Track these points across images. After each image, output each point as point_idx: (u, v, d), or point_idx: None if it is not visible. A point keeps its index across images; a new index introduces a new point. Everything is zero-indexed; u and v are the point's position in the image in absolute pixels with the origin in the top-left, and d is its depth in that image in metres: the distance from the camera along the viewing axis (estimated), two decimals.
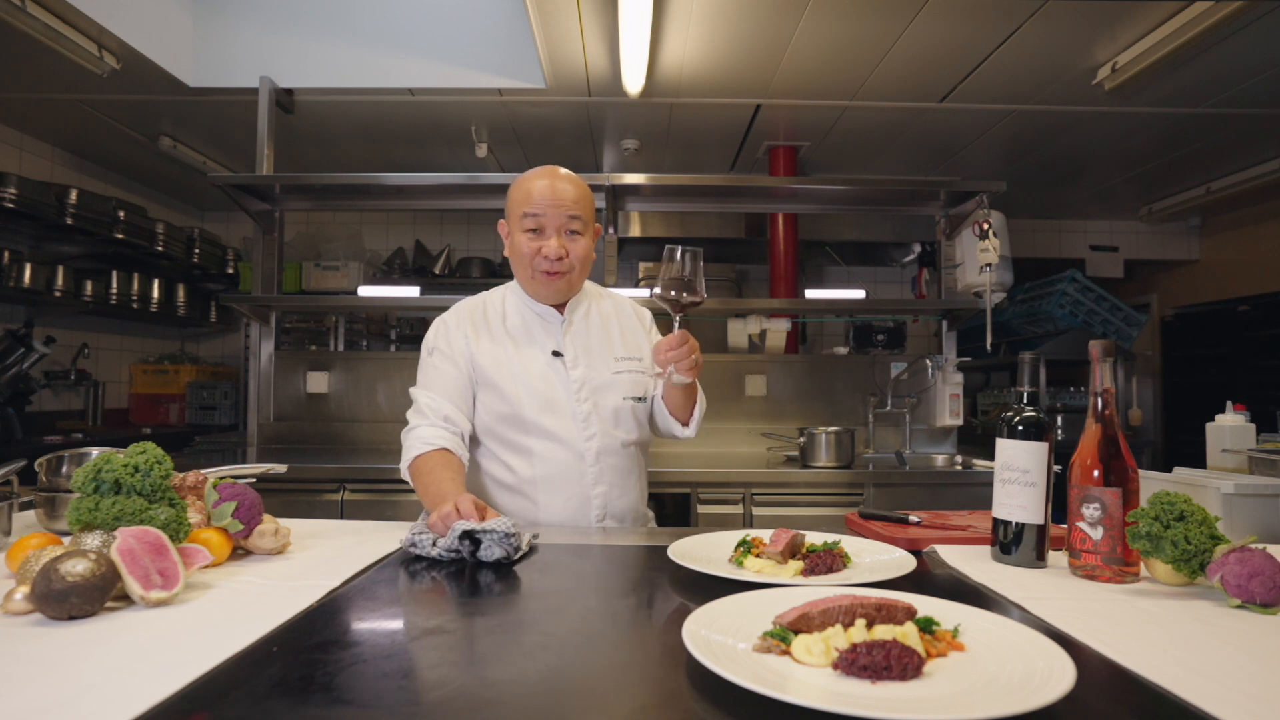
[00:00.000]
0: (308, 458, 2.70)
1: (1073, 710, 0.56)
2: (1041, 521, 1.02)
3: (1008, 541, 1.03)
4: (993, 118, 3.69)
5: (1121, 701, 0.60)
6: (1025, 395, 1.08)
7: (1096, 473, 0.97)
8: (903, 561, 0.99)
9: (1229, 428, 1.75)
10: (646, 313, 1.64)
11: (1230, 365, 4.99)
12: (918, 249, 5.13)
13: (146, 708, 0.54)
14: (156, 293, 4.38)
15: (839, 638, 0.64)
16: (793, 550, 1.00)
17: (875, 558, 1.03)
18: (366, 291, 4.03)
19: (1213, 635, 0.74)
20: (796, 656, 0.63)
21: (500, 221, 1.49)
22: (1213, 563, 0.86)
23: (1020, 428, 1.03)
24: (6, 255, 3.43)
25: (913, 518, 1.28)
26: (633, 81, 3.23)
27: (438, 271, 4.86)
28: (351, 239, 4.47)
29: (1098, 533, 0.95)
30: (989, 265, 2.79)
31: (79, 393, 4.14)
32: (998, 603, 0.87)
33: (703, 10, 2.72)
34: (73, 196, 3.58)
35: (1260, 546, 0.85)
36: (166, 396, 4.74)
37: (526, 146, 4.24)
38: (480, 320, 1.49)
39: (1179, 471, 1.53)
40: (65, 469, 1.14)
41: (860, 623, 0.66)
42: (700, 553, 1.03)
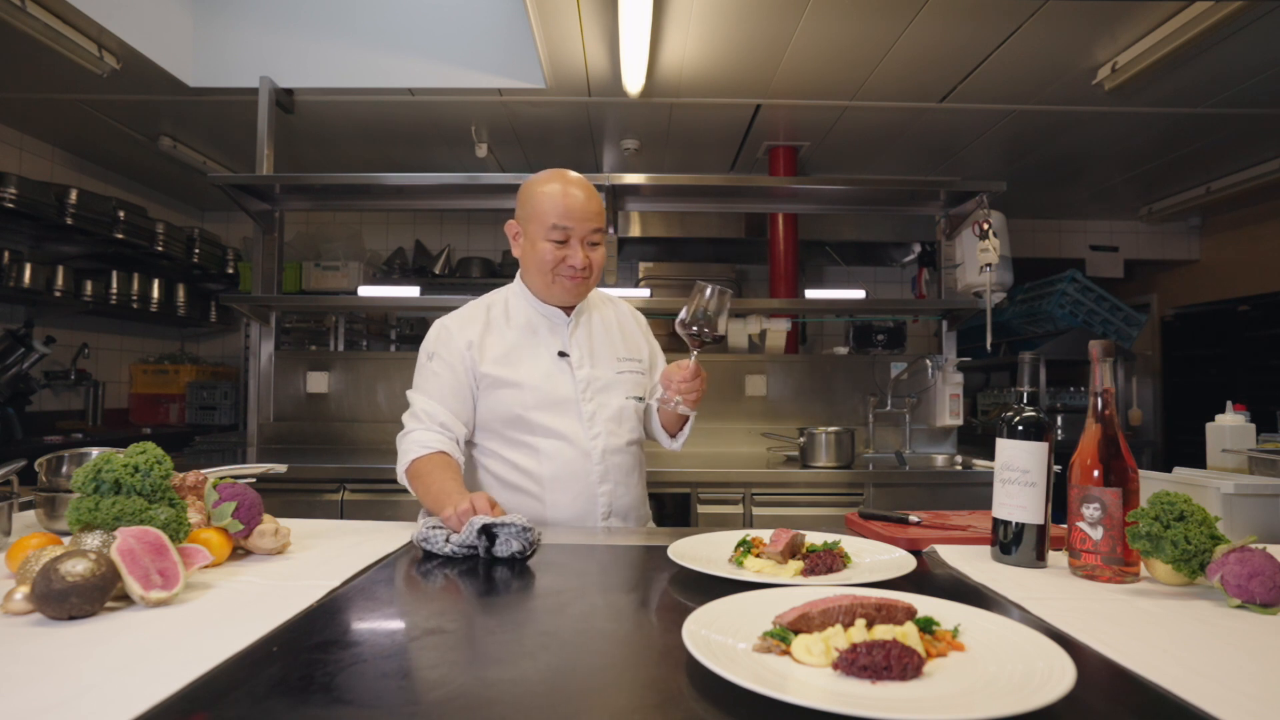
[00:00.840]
0: (308, 458, 2.70)
1: (1073, 710, 0.56)
2: (1041, 521, 1.02)
3: (1008, 541, 1.03)
4: (993, 118, 3.69)
5: (1121, 701, 0.60)
6: (1025, 395, 1.08)
7: (1096, 473, 0.97)
8: (903, 561, 0.99)
9: (1229, 428, 1.75)
10: (641, 316, 1.68)
11: (1230, 365, 4.99)
12: (918, 249, 5.13)
13: (146, 708, 0.54)
14: (156, 293, 4.39)
15: (839, 638, 0.64)
16: (793, 550, 1.00)
17: (875, 558, 1.03)
18: (366, 291, 4.03)
19: (1213, 635, 0.74)
20: (796, 656, 0.63)
21: (510, 221, 1.49)
22: (1213, 563, 0.86)
23: (1020, 428, 1.03)
24: (6, 255, 3.43)
25: (913, 518, 1.28)
26: (633, 81, 3.23)
27: (438, 271, 4.86)
28: (351, 239, 4.47)
29: (1098, 533, 0.95)
30: (989, 265, 2.79)
31: (79, 393, 4.14)
32: (998, 603, 0.87)
33: (703, 10, 2.72)
34: (73, 196, 3.58)
35: (1260, 546, 0.85)
36: (166, 396, 4.74)
37: (526, 146, 4.24)
38: (486, 321, 1.49)
39: (1179, 471, 1.53)
40: (65, 469, 1.14)
41: (860, 623, 0.66)
42: (700, 553, 1.03)
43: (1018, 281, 3.91)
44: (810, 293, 4.29)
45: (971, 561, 1.04)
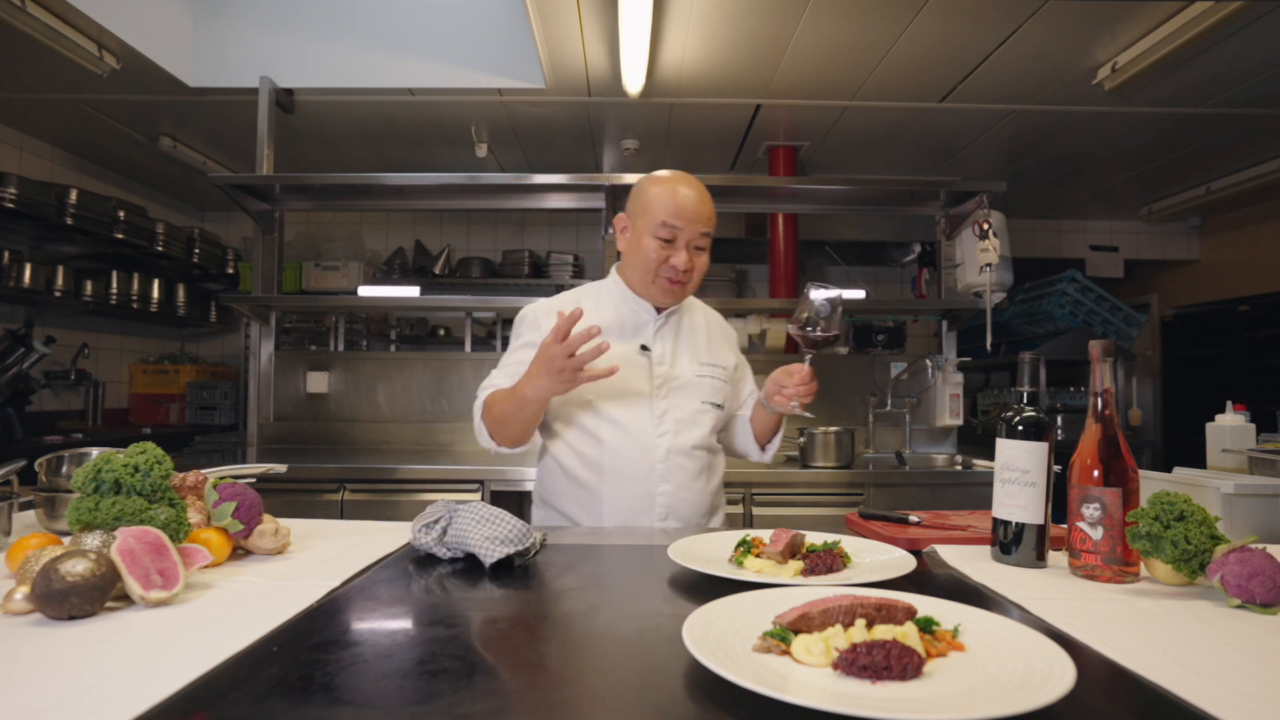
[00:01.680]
0: (308, 458, 2.70)
1: (1073, 710, 0.56)
2: (1041, 521, 1.02)
3: (1008, 541, 1.03)
4: (993, 118, 3.69)
5: (1121, 701, 0.60)
6: (1025, 395, 1.07)
7: (1096, 473, 0.97)
8: (903, 561, 0.99)
9: (1229, 428, 1.75)
10: (732, 329, 1.67)
11: (1230, 365, 4.99)
12: (918, 249, 5.13)
13: (146, 708, 0.54)
14: (156, 293, 4.38)
15: (839, 638, 0.64)
16: (793, 550, 1.00)
17: (875, 558, 1.03)
18: (366, 291, 4.03)
19: (1213, 635, 0.74)
20: (796, 656, 0.63)
21: (620, 214, 1.49)
22: (1213, 563, 0.86)
23: (1020, 428, 1.03)
24: (6, 255, 3.43)
25: (913, 518, 1.28)
26: (633, 81, 3.23)
27: (438, 271, 4.86)
28: (351, 239, 4.47)
29: (1098, 533, 0.95)
30: (989, 265, 2.79)
31: (79, 393, 4.14)
32: (998, 603, 0.87)
33: (703, 10, 2.72)
34: (73, 196, 3.58)
35: (1260, 546, 0.85)
36: (166, 396, 4.74)
37: (526, 146, 4.24)
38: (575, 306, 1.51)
39: (1179, 471, 1.53)
40: (65, 469, 1.14)
41: (860, 623, 0.66)
42: (700, 553, 1.03)
43: (1018, 281, 3.91)
44: None
45: (971, 561, 1.04)
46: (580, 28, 2.84)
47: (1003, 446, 1.04)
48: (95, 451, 0.98)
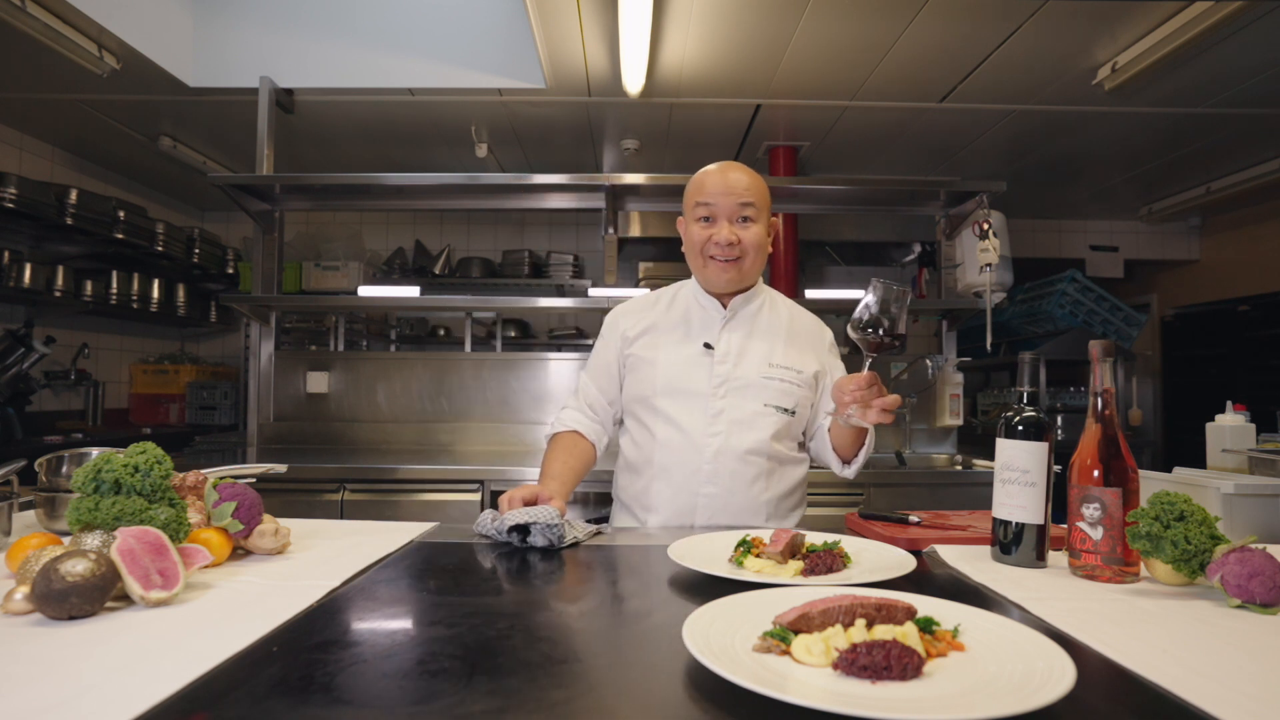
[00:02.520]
0: (308, 458, 2.70)
1: (1073, 710, 0.56)
2: (1041, 521, 1.02)
3: (1008, 541, 1.03)
4: (993, 118, 3.69)
5: (1121, 701, 0.60)
6: (1025, 395, 1.07)
7: (1096, 473, 0.97)
8: (903, 561, 0.99)
9: (1229, 428, 1.75)
10: (829, 333, 1.57)
11: (1230, 365, 4.99)
12: (918, 249, 5.13)
13: (146, 708, 0.54)
14: (156, 293, 4.38)
15: (839, 638, 0.64)
16: (793, 550, 1.00)
17: (875, 558, 1.03)
18: (366, 291, 4.02)
19: (1213, 635, 0.74)
20: (796, 656, 0.63)
21: (679, 219, 1.52)
22: (1213, 563, 0.86)
23: (1020, 428, 1.03)
24: (6, 255, 3.43)
25: (913, 518, 1.28)
26: (633, 81, 3.23)
27: (438, 271, 4.85)
28: (351, 239, 4.46)
29: (1098, 533, 0.95)
30: (989, 265, 2.79)
31: (79, 393, 4.14)
32: (998, 603, 0.87)
33: (703, 10, 2.72)
34: (73, 196, 3.57)
35: (1260, 546, 0.85)
36: (166, 396, 4.74)
37: (526, 146, 4.24)
38: (652, 305, 1.55)
39: (1179, 471, 1.53)
40: (65, 469, 1.14)
41: (860, 623, 0.66)
42: (700, 553, 1.03)
43: (1018, 281, 3.91)
44: (810, 293, 4.29)
45: (971, 561, 1.04)
46: (580, 28, 2.84)
47: (1003, 446, 1.04)
48: (95, 451, 0.98)
